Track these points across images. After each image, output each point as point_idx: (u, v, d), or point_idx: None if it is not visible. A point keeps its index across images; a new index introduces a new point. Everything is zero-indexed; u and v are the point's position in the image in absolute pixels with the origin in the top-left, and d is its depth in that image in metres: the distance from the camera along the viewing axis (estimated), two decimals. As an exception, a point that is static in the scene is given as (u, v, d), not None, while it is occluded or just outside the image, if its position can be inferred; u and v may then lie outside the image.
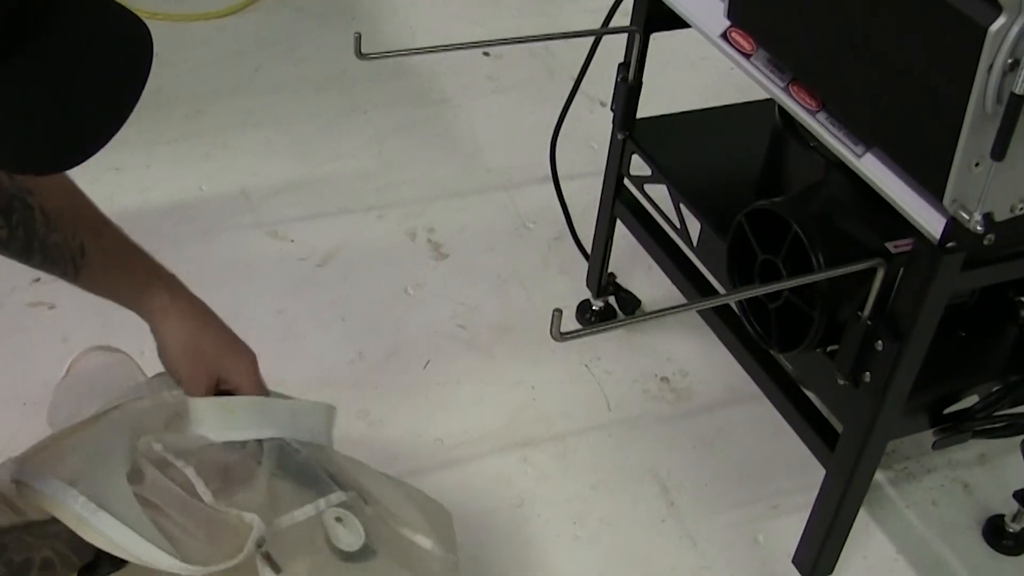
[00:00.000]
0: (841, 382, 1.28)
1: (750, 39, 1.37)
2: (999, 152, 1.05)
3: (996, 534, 1.58)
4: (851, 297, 1.25)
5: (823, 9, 1.21)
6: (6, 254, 1.10)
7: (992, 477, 1.67)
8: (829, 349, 1.31)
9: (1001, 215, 1.13)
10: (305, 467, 1.18)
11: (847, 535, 1.41)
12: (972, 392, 1.34)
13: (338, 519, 1.15)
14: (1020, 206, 1.14)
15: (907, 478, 1.66)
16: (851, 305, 1.25)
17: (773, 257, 1.30)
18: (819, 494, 1.38)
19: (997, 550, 1.58)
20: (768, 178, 1.52)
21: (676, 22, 1.48)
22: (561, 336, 1.06)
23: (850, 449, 1.31)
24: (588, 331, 1.11)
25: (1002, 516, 1.59)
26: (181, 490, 1.06)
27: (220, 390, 1.20)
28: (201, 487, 1.08)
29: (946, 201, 1.11)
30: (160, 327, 1.17)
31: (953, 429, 1.32)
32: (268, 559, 1.05)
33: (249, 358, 1.22)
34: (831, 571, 1.45)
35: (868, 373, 1.24)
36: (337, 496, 1.16)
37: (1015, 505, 1.57)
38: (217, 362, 1.18)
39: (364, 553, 1.13)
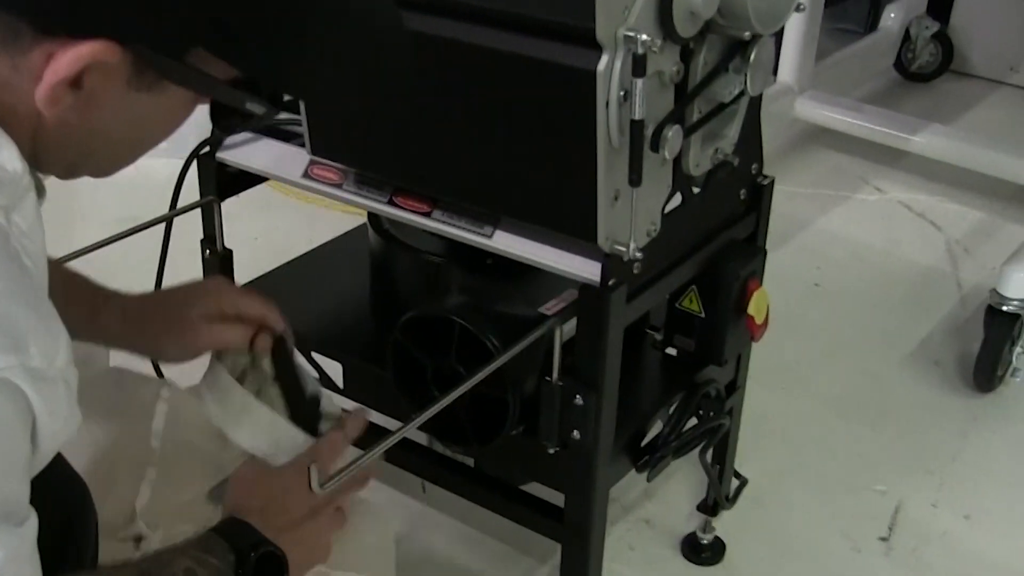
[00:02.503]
0: (552, 451, 1.29)
1: (334, 170, 1.38)
2: (636, 178, 1.13)
3: (694, 550, 1.67)
4: (534, 368, 1.27)
5: (422, 112, 1.24)
6: None
7: (663, 507, 1.77)
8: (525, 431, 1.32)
9: (641, 241, 1.21)
10: None
11: (598, 600, 1.42)
12: (654, 421, 1.41)
13: None
14: (653, 229, 1.23)
15: (597, 537, 1.71)
16: (537, 375, 1.27)
17: (445, 360, 1.30)
18: (562, 569, 1.38)
19: (700, 564, 1.66)
20: (387, 297, 1.52)
21: (250, 180, 1.46)
22: (321, 487, 1.01)
23: (580, 511, 1.32)
24: (341, 475, 1.05)
25: (693, 533, 1.68)
26: None
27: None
28: None
29: (600, 240, 1.17)
30: (133, 327, 1.14)
31: (654, 456, 1.38)
32: None
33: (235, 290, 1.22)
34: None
35: (576, 431, 1.27)
36: None
37: (698, 521, 1.67)
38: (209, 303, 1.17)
39: None
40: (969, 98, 3.29)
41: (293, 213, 2.46)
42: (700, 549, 1.67)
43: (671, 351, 1.48)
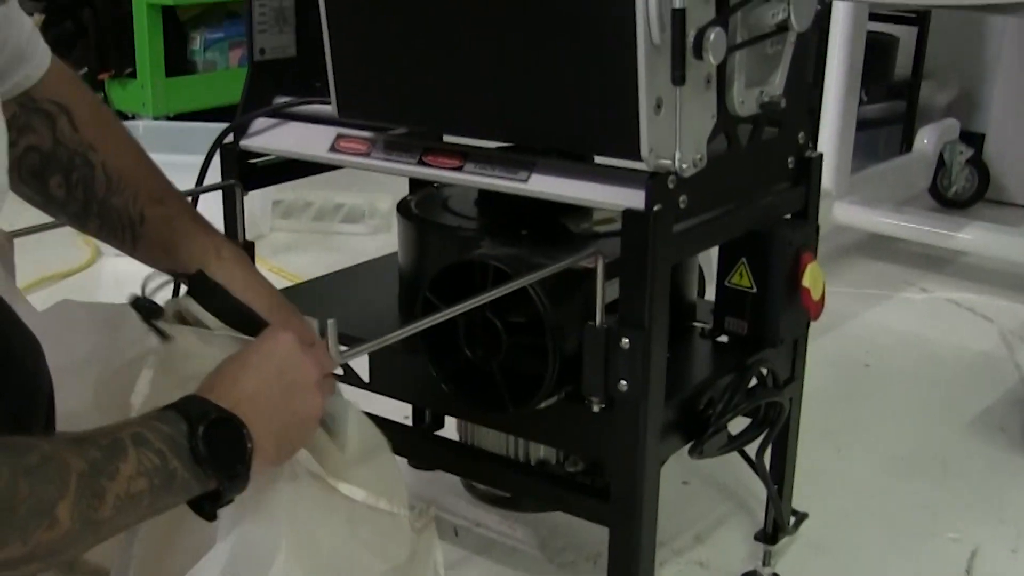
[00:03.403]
0: (597, 408, 1.18)
1: (361, 140, 1.32)
2: (679, 75, 1.07)
3: (754, 588, 1.52)
4: (575, 317, 1.18)
5: (460, 58, 1.20)
6: (62, 217, 1.04)
7: (716, 551, 1.62)
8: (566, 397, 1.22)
9: (687, 161, 1.13)
10: None
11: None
12: (705, 398, 1.30)
13: None
14: (699, 159, 1.16)
15: (647, 580, 1.56)
16: (578, 323, 1.18)
17: (479, 314, 1.21)
18: (610, 559, 1.25)
19: (762, 603, 1.51)
20: (416, 282, 1.42)
21: (275, 175, 1.43)
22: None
23: (628, 481, 1.20)
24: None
25: (753, 571, 1.53)
26: None
27: None
28: None
29: (644, 153, 1.10)
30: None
31: (707, 432, 1.26)
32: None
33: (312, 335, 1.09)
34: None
35: (623, 380, 1.16)
36: None
37: (755, 562, 1.52)
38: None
39: None
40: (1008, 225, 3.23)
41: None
42: (760, 587, 1.52)
43: (722, 340, 1.38)
